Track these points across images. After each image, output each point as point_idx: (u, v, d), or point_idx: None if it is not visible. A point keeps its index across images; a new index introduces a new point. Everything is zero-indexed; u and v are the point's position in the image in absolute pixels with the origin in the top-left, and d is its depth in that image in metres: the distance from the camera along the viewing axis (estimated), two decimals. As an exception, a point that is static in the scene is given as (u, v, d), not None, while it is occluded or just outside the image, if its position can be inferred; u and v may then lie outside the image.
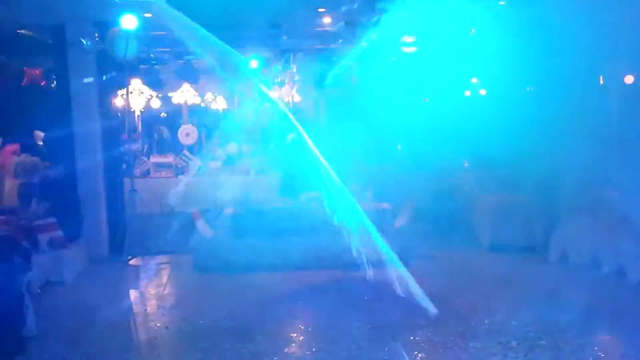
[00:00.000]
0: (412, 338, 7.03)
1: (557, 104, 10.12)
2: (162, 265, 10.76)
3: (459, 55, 10.72)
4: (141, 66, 14.54)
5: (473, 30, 9.79)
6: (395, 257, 10.24)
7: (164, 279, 10.12)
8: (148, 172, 15.00)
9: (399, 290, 7.60)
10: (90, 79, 10.84)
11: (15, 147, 12.99)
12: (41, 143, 13.44)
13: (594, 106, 10.00)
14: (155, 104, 16.59)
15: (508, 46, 9.39)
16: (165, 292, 9.54)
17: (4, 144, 13.28)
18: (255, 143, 16.62)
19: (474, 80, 13.75)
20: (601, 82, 10.83)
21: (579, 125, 9.90)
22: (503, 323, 7.41)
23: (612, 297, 8.24)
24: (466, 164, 12.84)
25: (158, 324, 7.88)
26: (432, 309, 7.11)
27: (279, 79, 16.22)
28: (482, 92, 13.90)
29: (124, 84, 11.99)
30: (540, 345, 6.76)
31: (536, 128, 10.19)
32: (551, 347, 6.70)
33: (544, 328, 7.17)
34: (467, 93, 14.37)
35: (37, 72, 14.05)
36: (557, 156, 10.44)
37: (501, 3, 9.78)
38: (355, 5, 10.03)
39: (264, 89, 16.58)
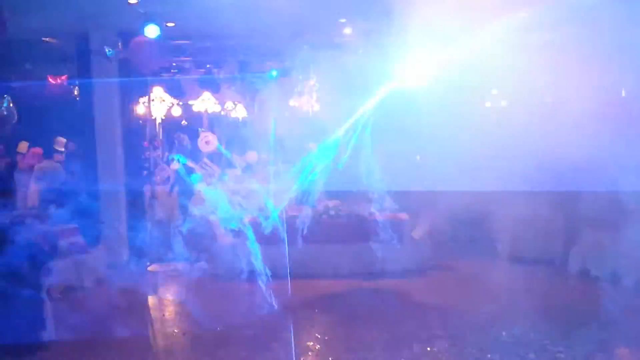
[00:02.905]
0: (429, 349, 7.00)
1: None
2: (181, 272, 10.81)
3: (480, 66, 10.67)
4: (163, 74, 14.68)
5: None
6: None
7: (182, 285, 10.16)
8: (168, 179, 15.08)
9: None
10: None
11: (38, 151, 13.16)
12: (63, 149, 13.60)
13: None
14: (176, 111, 16.73)
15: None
16: (183, 298, 9.58)
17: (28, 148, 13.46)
18: (275, 152, 16.66)
19: (494, 92, 13.67)
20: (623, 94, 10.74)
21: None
22: (521, 335, 7.36)
23: (633, 312, 8.15)
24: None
25: (176, 331, 7.92)
26: None
27: (299, 89, 16.27)
28: (503, 103, 13.80)
29: (146, 92, 12.11)
30: (559, 357, 6.71)
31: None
32: (569, 359, 6.66)
33: (562, 341, 7.10)
34: (488, 104, 14.27)
35: (61, 79, 14.24)
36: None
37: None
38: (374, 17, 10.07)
39: (284, 98, 16.71)
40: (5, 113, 14.16)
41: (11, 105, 14.58)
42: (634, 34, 9.05)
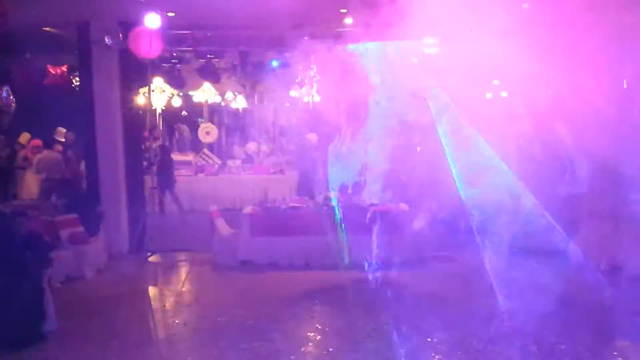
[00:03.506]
0: (429, 340, 6.99)
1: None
2: (181, 263, 10.83)
3: (481, 57, 10.65)
4: (163, 65, 14.63)
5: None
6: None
7: (183, 276, 10.18)
8: (167, 169, 15.09)
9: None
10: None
11: (38, 143, 13.16)
12: (63, 140, 13.60)
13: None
14: (176, 102, 16.71)
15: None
16: (183, 289, 9.60)
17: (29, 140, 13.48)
18: (275, 142, 16.69)
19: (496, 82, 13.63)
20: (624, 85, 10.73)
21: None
22: (522, 326, 7.35)
23: (633, 303, 8.16)
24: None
25: (176, 321, 7.93)
26: None
27: (299, 79, 16.24)
28: (504, 94, 13.77)
29: (146, 82, 12.09)
30: (560, 349, 6.71)
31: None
32: (571, 351, 6.65)
33: (563, 332, 7.11)
34: (489, 95, 14.23)
35: (61, 69, 14.21)
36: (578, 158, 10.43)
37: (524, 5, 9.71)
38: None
39: (284, 88, 16.71)
40: (4, 103, 14.15)
41: (10, 95, 14.58)
42: (634, 24, 9.04)
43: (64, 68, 14.34)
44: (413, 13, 9.35)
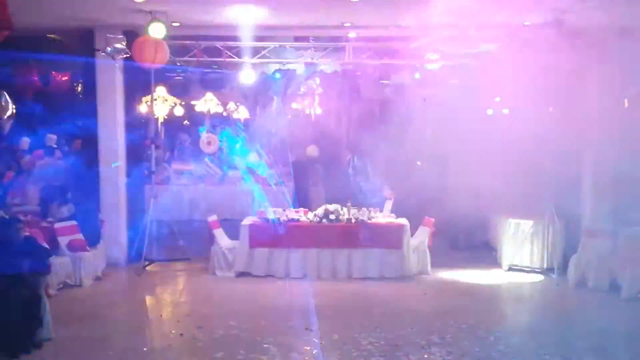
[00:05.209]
0: (426, 356, 6.97)
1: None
2: (179, 272, 10.81)
3: (482, 73, 10.71)
4: (166, 74, 14.65)
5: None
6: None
7: (181, 286, 10.16)
8: (169, 179, 15.09)
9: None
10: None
11: (40, 151, 13.16)
12: (55, 146, 13.56)
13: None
14: (179, 111, 16.70)
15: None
16: (181, 299, 9.58)
17: (32, 148, 13.47)
18: (276, 154, 16.68)
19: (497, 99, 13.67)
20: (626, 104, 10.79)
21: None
22: (519, 345, 7.35)
23: (631, 323, 8.15)
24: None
25: (173, 331, 7.91)
26: None
27: (302, 91, 16.27)
28: (505, 111, 13.81)
29: (149, 91, 12.12)
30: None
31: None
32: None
33: (560, 351, 7.09)
34: (490, 112, 14.27)
35: (65, 76, 14.23)
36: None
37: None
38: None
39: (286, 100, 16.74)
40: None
41: (8, 101, 14.55)
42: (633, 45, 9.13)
43: (68, 75, 14.35)
44: (416, 30, 9.42)
